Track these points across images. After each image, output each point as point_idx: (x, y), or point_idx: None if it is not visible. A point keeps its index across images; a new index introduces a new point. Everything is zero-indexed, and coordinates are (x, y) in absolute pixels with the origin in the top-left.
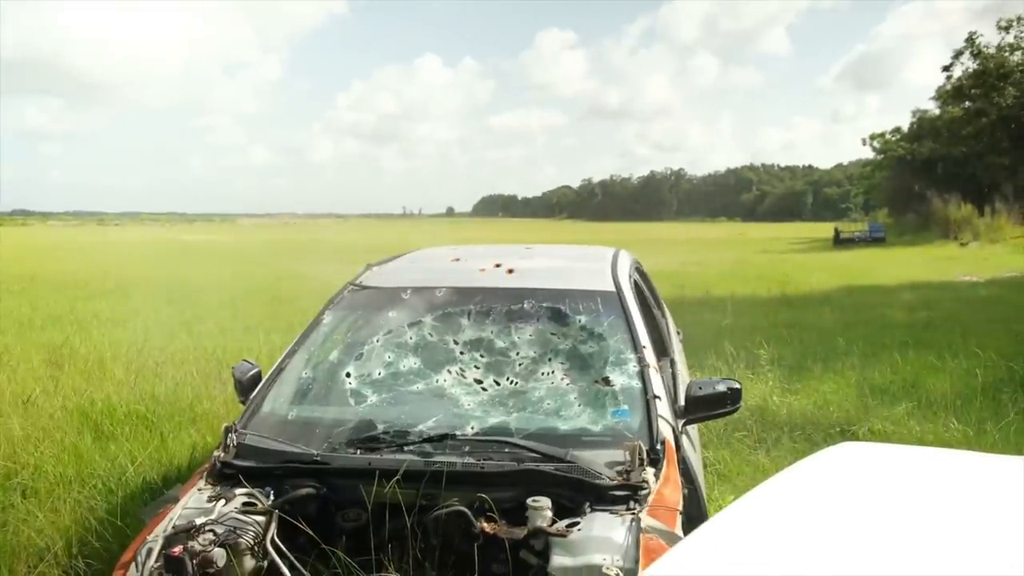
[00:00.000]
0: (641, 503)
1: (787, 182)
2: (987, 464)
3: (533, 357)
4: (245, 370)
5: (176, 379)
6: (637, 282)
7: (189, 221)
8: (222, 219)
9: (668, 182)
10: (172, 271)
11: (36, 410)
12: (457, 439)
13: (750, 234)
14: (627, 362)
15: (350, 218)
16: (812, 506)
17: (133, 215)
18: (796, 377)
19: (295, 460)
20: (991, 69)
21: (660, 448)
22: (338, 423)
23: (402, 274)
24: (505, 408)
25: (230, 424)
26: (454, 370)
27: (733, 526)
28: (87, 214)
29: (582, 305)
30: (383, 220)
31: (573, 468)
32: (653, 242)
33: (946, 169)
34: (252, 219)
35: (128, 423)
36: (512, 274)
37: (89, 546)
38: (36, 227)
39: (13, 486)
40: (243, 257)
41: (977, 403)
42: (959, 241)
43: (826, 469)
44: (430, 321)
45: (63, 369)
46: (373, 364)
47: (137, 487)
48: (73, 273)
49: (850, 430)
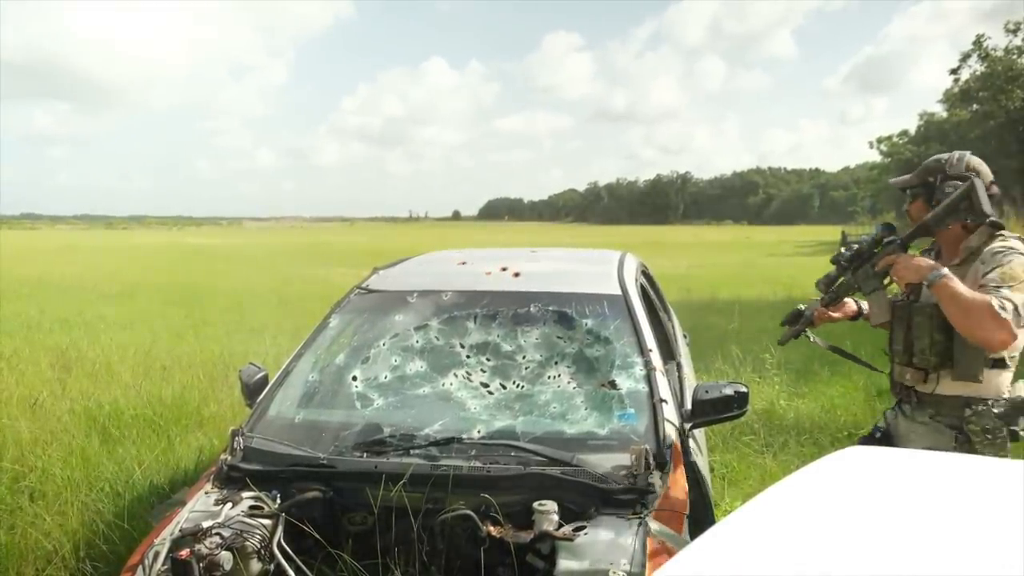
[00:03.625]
0: (648, 507)
1: (793, 185)
2: (996, 468)
3: (539, 361)
4: (252, 373)
5: (183, 382)
6: (643, 285)
7: (196, 224)
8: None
9: (674, 185)
10: (179, 274)
11: (44, 413)
12: (463, 443)
13: (756, 237)
14: (633, 365)
15: (356, 221)
16: (820, 511)
17: (140, 218)
18: (803, 381)
19: (302, 463)
20: (999, 72)
21: (667, 452)
22: (344, 427)
23: (408, 278)
24: (511, 412)
25: (237, 427)
26: (460, 374)
27: (740, 530)
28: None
29: (588, 308)
30: (389, 224)
31: (579, 472)
32: (659, 245)
33: None
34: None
35: (135, 426)
36: (518, 277)
37: (96, 549)
38: (44, 231)
39: (21, 489)
40: (249, 260)
41: None
42: None
43: (834, 473)
44: (436, 325)
45: (71, 372)
46: (379, 368)
47: (144, 490)
48: (80, 276)
49: (858, 434)
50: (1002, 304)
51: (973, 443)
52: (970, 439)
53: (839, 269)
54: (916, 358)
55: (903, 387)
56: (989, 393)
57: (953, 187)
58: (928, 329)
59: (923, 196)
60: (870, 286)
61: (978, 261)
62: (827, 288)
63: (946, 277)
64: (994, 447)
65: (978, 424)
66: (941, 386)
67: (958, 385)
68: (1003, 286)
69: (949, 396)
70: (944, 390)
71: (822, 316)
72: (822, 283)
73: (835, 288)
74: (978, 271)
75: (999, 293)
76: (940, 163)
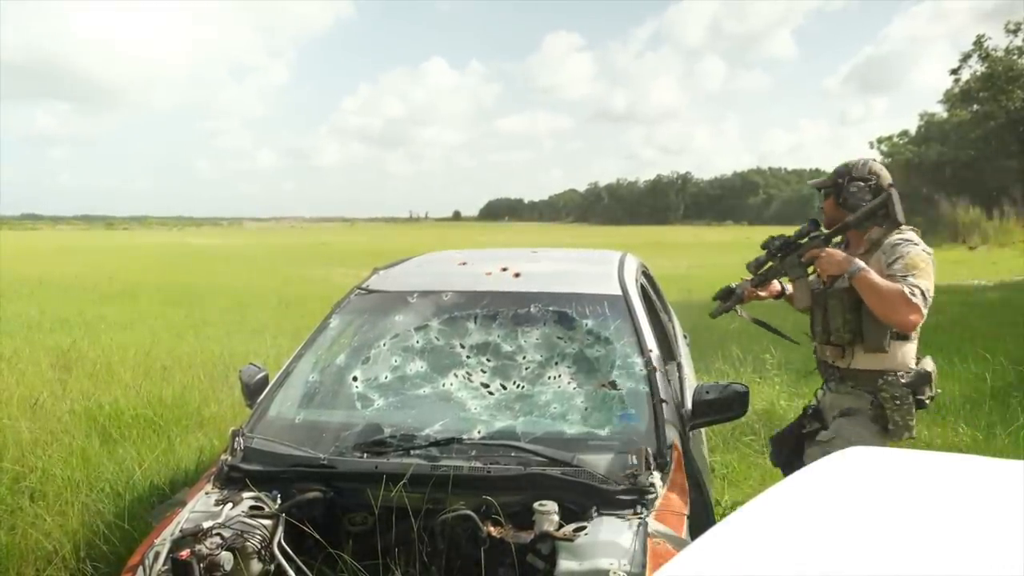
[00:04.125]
0: (648, 507)
1: (794, 185)
2: (997, 469)
3: (539, 361)
4: (252, 374)
5: (183, 383)
6: (644, 286)
7: (196, 225)
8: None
9: (675, 186)
10: (179, 274)
11: (44, 413)
12: (464, 443)
13: (757, 238)
14: (634, 366)
15: (357, 222)
16: (820, 511)
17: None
18: (803, 381)
19: (302, 464)
20: (999, 72)
21: (667, 452)
22: (345, 427)
23: (408, 278)
24: (512, 412)
25: (237, 428)
26: (461, 374)
27: (741, 531)
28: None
29: (588, 309)
30: (390, 224)
31: (580, 472)
32: (659, 246)
33: (954, 172)
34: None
35: (135, 427)
36: (518, 278)
37: (97, 549)
38: (45, 231)
39: (21, 489)
40: (250, 261)
41: (987, 407)
42: (967, 245)
43: (835, 474)
44: (436, 325)
45: (71, 372)
46: (380, 368)
47: (144, 491)
48: (81, 277)
49: None
50: (912, 291)
51: (885, 408)
52: (883, 405)
53: (768, 255)
54: (833, 336)
55: (826, 365)
56: (897, 365)
57: (857, 187)
58: (841, 310)
59: (833, 194)
60: (795, 273)
61: (879, 251)
62: (756, 270)
63: (864, 270)
64: (901, 412)
65: (888, 392)
66: (856, 360)
67: (870, 359)
68: (909, 274)
69: (864, 370)
70: (859, 364)
71: (750, 294)
72: (752, 265)
73: (764, 271)
74: (880, 260)
75: (907, 281)
76: (848, 167)
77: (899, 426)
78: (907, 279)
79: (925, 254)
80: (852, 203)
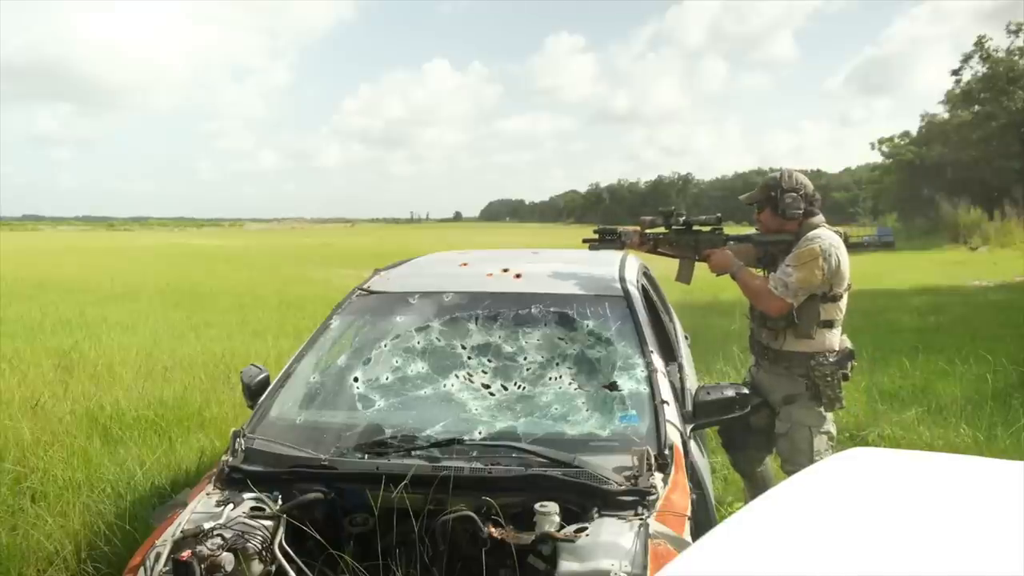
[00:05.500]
0: (649, 508)
1: None
2: (998, 470)
3: (541, 362)
4: (253, 374)
5: (185, 383)
6: (645, 286)
7: (198, 226)
8: (231, 224)
9: (676, 186)
10: (181, 276)
11: (45, 414)
12: (465, 444)
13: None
14: (635, 367)
15: (358, 223)
16: (822, 512)
17: (142, 220)
18: None
19: (303, 465)
20: (1000, 73)
21: (668, 453)
22: (346, 428)
23: (410, 279)
24: (513, 413)
25: (238, 429)
26: (462, 375)
27: (742, 532)
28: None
29: (590, 310)
30: (391, 225)
31: (581, 473)
32: None
33: (955, 173)
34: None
35: (137, 427)
36: (520, 279)
37: (98, 550)
38: (47, 232)
39: (23, 490)
40: (251, 261)
41: (988, 408)
42: (969, 245)
43: (836, 475)
44: (438, 326)
45: (72, 373)
46: (381, 369)
47: (146, 491)
48: (82, 278)
49: (860, 435)
50: (775, 285)
51: (817, 386)
52: (816, 383)
53: (665, 223)
54: (769, 321)
55: (760, 345)
56: (824, 348)
57: (792, 197)
58: None
59: (769, 206)
60: (685, 254)
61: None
62: (650, 225)
63: (742, 269)
64: (832, 387)
65: (819, 372)
66: (787, 343)
67: (800, 342)
68: (789, 265)
69: (796, 352)
70: (790, 347)
71: (632, 246)
72: (647, 221)
73: (655, 235)
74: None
75: (776, 275)
76: (776, 179)
77: (831, 399)
78: (784, 270)
79: (818, 248)
80: (790, 213)
